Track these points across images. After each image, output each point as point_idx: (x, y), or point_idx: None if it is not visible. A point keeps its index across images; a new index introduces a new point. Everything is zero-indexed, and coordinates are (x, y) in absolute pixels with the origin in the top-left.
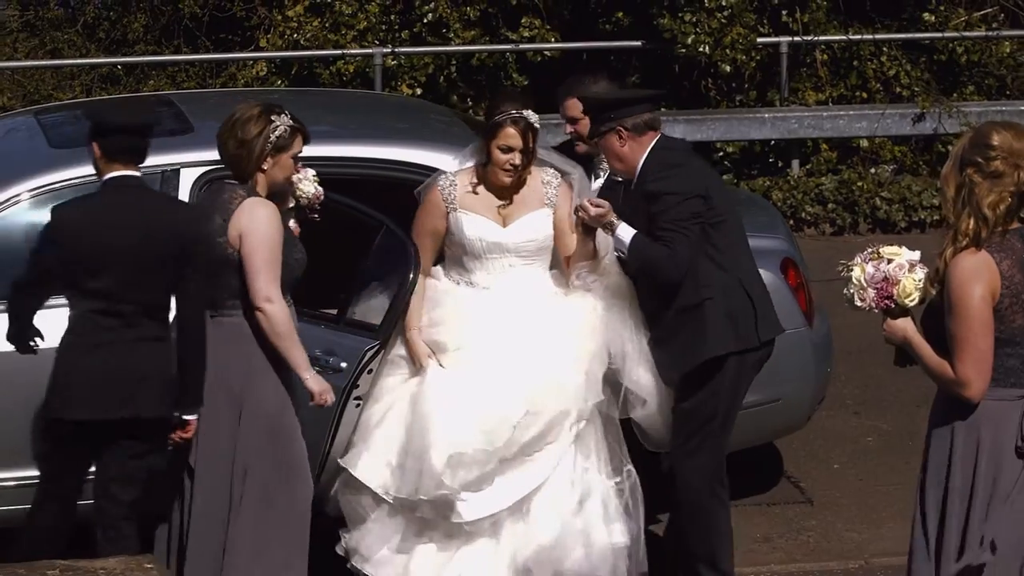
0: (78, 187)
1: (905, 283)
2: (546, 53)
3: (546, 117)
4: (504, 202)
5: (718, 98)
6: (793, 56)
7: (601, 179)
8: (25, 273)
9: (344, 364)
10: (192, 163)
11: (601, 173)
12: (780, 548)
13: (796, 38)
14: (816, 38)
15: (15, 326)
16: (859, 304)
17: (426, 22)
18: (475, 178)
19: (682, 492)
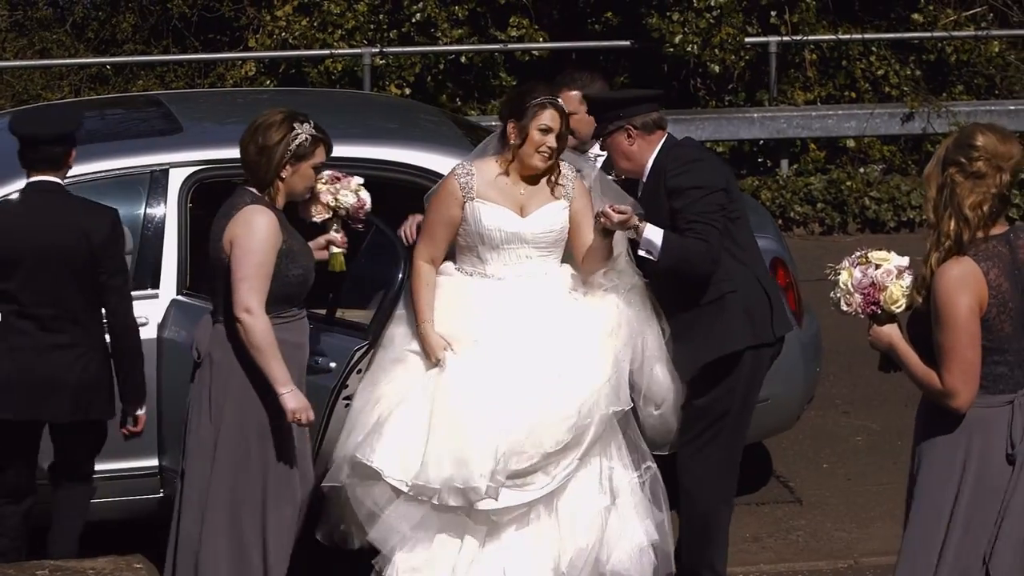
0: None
1: (892, 290)
2: (535, 53)
3: None
4: (523, 192)
5: (707, 98)
6: (782, 56)
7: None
8: None
9: (333, 364)
10: (181, 163)
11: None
12: (769, 548)
13: (785, 38)
14: (805, 38)
15: None
16: (845, 309)
17: (414, 22)
18: (498, 167)
19: (689, 489)
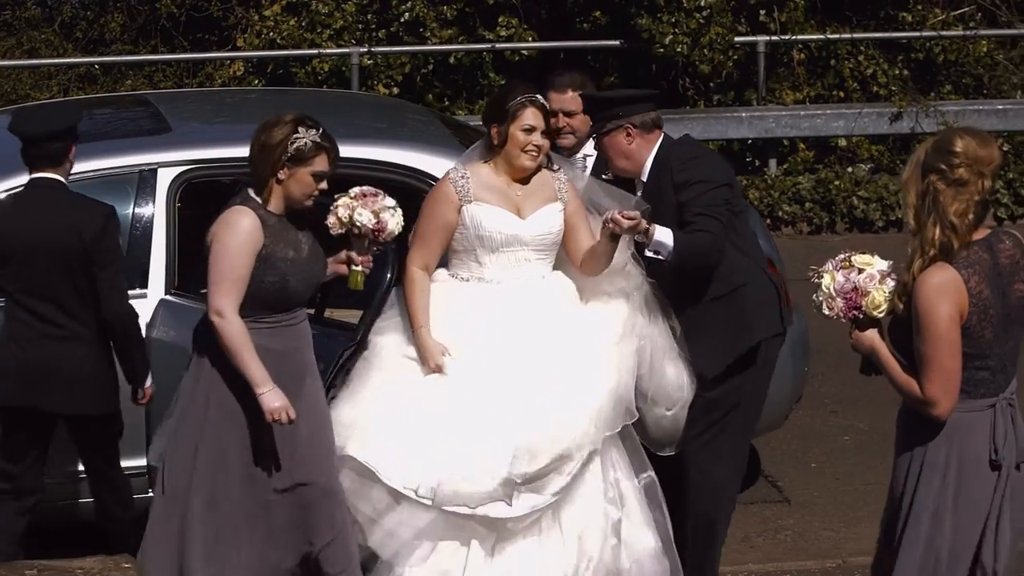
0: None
1: (875, 295)
2: (523, 52)
3: None
4: (519, 194)
5: (696, 97)
6: (771, 55)
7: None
8: None
9: (321, 364)
10: (169, 163)
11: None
12: (758, 547)
13: (774, 37)
14: (794, 37)
15: None
16: (827, 313)
17: (403, 21)
18: (490, 170)
19: (698, 483)
